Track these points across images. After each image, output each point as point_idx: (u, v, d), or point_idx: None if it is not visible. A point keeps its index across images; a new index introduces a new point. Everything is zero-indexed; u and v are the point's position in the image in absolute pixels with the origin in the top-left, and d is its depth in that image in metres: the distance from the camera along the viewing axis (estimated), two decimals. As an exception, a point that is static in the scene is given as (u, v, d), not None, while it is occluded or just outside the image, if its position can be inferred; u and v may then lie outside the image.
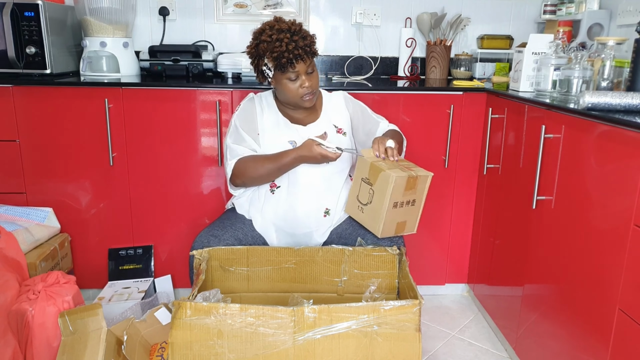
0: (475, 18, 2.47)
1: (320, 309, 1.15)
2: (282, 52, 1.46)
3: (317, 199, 1.59)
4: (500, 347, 1.89)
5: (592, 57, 1.60)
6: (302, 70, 1.51)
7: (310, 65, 1.53)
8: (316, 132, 1.58)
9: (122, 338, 1.44)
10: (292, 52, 1.46)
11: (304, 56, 1.49)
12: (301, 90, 1.53)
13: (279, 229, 1.61)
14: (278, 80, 1.54)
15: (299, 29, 1.51)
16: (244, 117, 1.62)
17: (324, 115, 1.67)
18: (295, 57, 1.47)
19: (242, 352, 1.16)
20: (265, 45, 1.49)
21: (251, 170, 1.53)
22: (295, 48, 1.46)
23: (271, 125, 1.62)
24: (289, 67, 1.49)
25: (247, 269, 1.48)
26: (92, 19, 2.07)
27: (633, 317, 1.11)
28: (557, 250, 1.43)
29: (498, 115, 1.88)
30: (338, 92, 1.75)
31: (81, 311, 1.48)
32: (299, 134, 1.61)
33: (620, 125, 1.16)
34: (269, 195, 1.60)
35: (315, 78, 1.56)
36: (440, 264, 2.19)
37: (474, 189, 2.11)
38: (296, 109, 1.63)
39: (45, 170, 1.97)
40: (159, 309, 1.57)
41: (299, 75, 1.52)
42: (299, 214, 1.58)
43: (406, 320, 1.17)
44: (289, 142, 1.58)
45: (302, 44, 1.48)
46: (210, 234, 1.52)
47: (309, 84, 1.53)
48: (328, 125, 1.64)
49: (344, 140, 1.65)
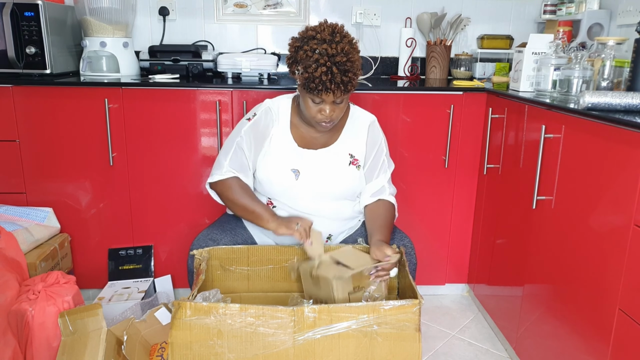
0: (475, 18, 2.47)
1: (320, 309, 1.15)
2: (314, 77, 1.30)
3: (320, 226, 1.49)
4: (500, 347, 1.89)
5: (592, 57, 1.60)
6: (328, 101, 1.36)
7: (340, 97, 1.37)
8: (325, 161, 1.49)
9: (122, 338, 1.44)
10: (324, 84, 1.30)
11: (336, 92, 1.33)
12: (319, 116, 1.39)
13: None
14: (302, 95, 1.40)
15: (344, 60, 1.30)
16: (255, 131, 1.48)
17: (342, 140, 1.51)
18: (325, 90, 1.32)
19: (242, 352, 1.16)
20: (303, 55, 1.33)
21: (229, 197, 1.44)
22: (329, 80, 1.30)
23: (277, 147, 1.49)
24: (315, 94, 1.34)
25: (247, 268, 1.48)
26: (92, 19, 2.07)
27: (633, 317, 1.11)
28: (557, 250, 1.43)
29: (498, 115, 1.88)
30: (369, 115, 1.57)
31: (81, 311, 1.48)
32: (304, 161, 1.48)
33: (620, 125, 1.16)
34: None
35: (340, 110, 1.40)
36: (440, 264, 2.19)
37: (474, 189, 2.11)
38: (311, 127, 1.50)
39: (45, 170, 1.97)
40: (159, 309, 1.57)
41: (324, 101, 1.37)
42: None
43: (406, 320, 1.17)
44: (291, 170, 1.47)
45: (339, 79, 1.30)
46: (209, 237, 1.50)
47: (329, 114, 1.37)
48: (343, 153, 1.51)
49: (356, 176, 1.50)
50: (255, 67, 2.12)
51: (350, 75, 1.32)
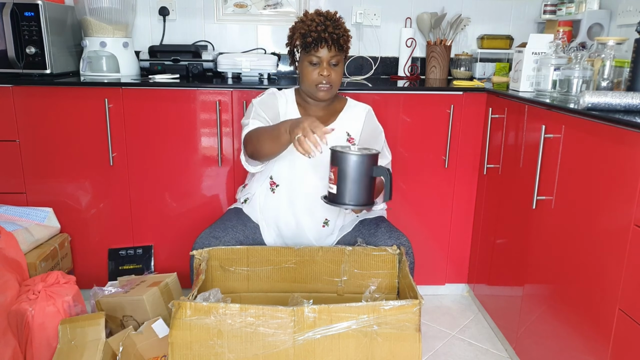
0: (475, 18, 2.47)
1: (320, 309, 1.15)
2: (310, 30, 1.47)
3: (317, 208, 1.57)
4: (500, 347, 1.89)
5: (592, 57, 1.60)
6: (325, 58, 1.50)
7: (335, 57, 1.51)
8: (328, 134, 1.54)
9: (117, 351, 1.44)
10: (320, 33, 1.46)
11: (330, 42, 1.48)
12: (318, 78, 1.51)
13: (280, 235, 1.62)
14: (301, 62, 1.54)
15: (335, 19, 1.52)
16: (265, 103, 1.60)
17: (340, 120, 1.63)
18: (321, 40, 1.47)
19: (242, 352, 1.16)
20: (300, 24, 1.52)
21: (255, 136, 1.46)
22: (324, 31, 1.47)
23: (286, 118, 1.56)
24: (312, 49, 1.48)
25: (247, 269, 1.48)
26: (92, 19, 2.07)
27: (633, 317, 1.11)
28: (557, 250, 1.43)
29: (498, 115, 1.88)
30: (365, 105, 1.71)
31: (82, 319, 1.48)
32: None
33: (620, 125, 1.16)
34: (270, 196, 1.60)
35: (337, 73, 1.53)
36: (440, 264, 2.19)
37: (474, 189, 2.11)
38: (314, 104, 1.61)
39: (45, 170, 1.97)
40: (156, 320, 1.56)
41: (321, 62, 1.51)
42: (299, 218, 1.58)
43: (406, 320, 1.17)
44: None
45: (332, 30, 1.48)
46: (212, 235, 1.51)
47: (327, 74, 1.51)
48: (341, 131, 1.61)
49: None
50: (255, 67, 2.12)
51: (343, 31, 1.51)
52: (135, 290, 1.70)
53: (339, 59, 1.53)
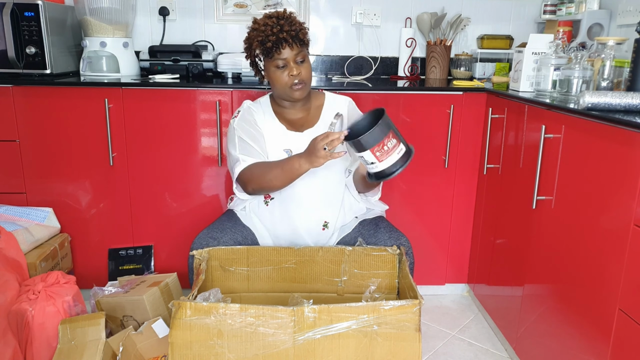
0: (475, 18, 2.47)
1: (320, 309, 1.15)
2: (266, 35, 1.43)
3: (314, 211, 1.56)
4: (500, 347, 1.89)
5: (592, 57, 1.60)
6: (290, 58, 1.46)
7: (299, 54, 1.48)
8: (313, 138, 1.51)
9: (117, 351, 1.44)
10: (277, 35, 1.42)
11: (290, 41, 1.44)
12: (289, 80, 1.47)
13: (278, 240, 1.61)
14: (267, 70, 1.50)
15: (287, 16, 1.47)
16: (245, 123, 1.56)
17: (323, 119, 1.60)
18: (280, 41, 1.43)
19: (242, 352, 1.16)
20: (254, 33, 1.47)
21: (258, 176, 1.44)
22: (280, 32, 1.43)
23: (267, 131, 1.57)
24: (275, 53, 1.44)
25: (247, 269, 1.48)
26: (92, 19, 2.07)
27: (633, 317, 1.11)
28: (557, 250, 1.43)
29: (498, 115, 1.88)
30: (344, 97, 1.68)
31: (83, 320, 1.48)
32: (294, 142, 1.55)
33: (620, 125, 1.16)
34: (263, 207, 1.59)
35: (306, 69, 1.50)
36: (440, 264, 2.19)
37: (474, 189, 2.11)
38: (291, 107, 1.58)
39: (45, 170, 1.97)
40: (157, 320, 1.56)
41: (287, 63, 1.47)
42: (296, 225, 1.56)
43: (406, 320, 1.17)
44: (284, 151, 1.54)
45: (287, 28, 1.44)
46: (210, 236, 1.51)
47: (297, 72, 1.47)
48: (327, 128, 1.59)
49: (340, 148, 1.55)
50: (255, 67, 2.12)
51: (297, 25, 1.47)
52: (135, 290, 1.70)
53: (304, 54, 1.50)
